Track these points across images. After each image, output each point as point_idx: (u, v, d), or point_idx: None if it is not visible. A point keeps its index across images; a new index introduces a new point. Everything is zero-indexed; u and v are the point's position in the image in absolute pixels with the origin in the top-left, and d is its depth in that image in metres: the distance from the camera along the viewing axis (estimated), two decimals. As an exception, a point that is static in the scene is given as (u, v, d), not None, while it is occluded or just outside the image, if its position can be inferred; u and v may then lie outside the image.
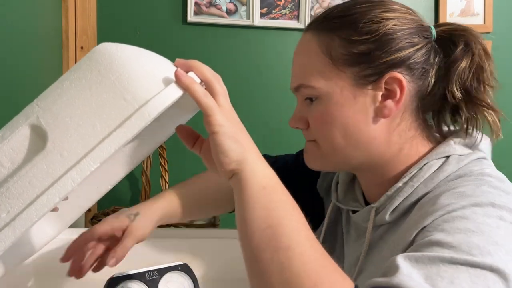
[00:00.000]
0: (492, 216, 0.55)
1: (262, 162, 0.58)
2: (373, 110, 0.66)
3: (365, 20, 0.66)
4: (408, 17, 0.67)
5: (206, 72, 0.59)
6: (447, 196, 0.59)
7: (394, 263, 0.51)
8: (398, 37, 0.65)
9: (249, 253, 0.54)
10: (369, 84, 0.66)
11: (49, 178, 0.53)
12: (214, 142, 0.56)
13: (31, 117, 0.55)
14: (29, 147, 0.56)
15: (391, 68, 0.65)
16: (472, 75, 0.66)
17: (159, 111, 0.53)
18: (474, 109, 0.68)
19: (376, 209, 0.69)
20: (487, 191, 0.58)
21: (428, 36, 0.68)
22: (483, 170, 0.64)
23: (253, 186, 0.56)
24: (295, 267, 0.50)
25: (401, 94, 0.65)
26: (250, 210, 0.55)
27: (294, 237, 0.52)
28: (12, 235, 0.54)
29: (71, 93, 0.55)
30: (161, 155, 1.37)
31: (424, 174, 0.65)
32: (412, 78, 0.66)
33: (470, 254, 0.50)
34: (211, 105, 0.56)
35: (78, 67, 0.57)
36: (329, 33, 0.67)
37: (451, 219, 0.55)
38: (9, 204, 0.54)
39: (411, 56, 0.65)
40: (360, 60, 0.65)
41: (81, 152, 0.52)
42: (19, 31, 1.13)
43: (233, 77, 1.60)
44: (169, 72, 0.56)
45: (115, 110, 0.53)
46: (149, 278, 0.83)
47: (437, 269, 0.49)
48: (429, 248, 0.52)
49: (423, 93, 0.68)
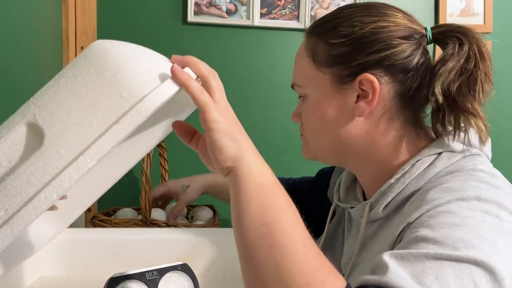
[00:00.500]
0: (477, 210, 0.55)
1: (258, 159, 0.58)
2: (350, 109, 0.69)
3: (345, 24, 0.69)
4: (396, 21, 0.69)
5: (202, 68, 0.59)
6: (434, 191, 0.60)
7: (382, 260, 0.51)
8: (375, 40, 0.67)
9: (243, 251, 0.54)
10: (345, 84, 0.69)
11: (47, 175, 0.53)
12: (210, 138, 0.57)
13: (27, 115, 0.55)
14: (26, 145, 0.56)
15: (367, 69, 0.67)
16: (456, 78, 0.65)
17: (155, 107, 0.52)
18: (457, 113, 0.67)
19: (371, 205, 0.71)
20: (474, 186, 0.59)
21: (415, 39, 0.68)
22: (476, 166, 0.64)
23: (249, 183, 0.56)
24: (288, 266, 0.50)
25: (373, 95, 0.67)
26: (245, 208, 0.55)
27: (289, 235, 0.52)
28: (10, 233, 0.54)
29: (67, 90, 0.55)
30: (161, 155, 1.37)
31: (416, 171, 0.66)
32: (392, 79, 0.68)
33: (455, 248, 0.50)
34: (207, 102, 0.56)
35: (74, 64, 0.57)
36: (316, 37, 0.72)
37: (436, 214, 0.55)
38: (6, 202, 0.54)
39: (387, 58, 0.67)
40: (337, 62, 0.69)
41: (78, 149, 0.52)
42: (19, 31, 1.13)
43: (233, 77, 1.60)
44: (165, 68, 0.56)
45: (111, 107, 0.53)
46: (149, 278, 0.83)
47: (423, 266, 0.49)
48: (416, 244, 0.53)
49: (406, 94, 0.68)
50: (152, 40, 1.57)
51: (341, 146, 0.72)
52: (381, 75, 0.67)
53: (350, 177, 0.83)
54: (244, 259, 0.54)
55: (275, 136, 1.62)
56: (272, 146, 1.62)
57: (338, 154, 0.74)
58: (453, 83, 0.65)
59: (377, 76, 0.67)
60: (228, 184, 0.58)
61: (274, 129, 1.63)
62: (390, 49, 0.67)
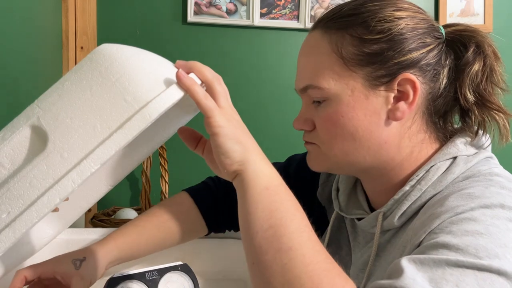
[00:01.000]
0: (502, 218, 0.53)
1: (265, 162, 0.58)
2: (385, 113, 0.64)
3: (377, 18, 0.63)
4: (420, 16, 0.66)
5: (207, 73, 0.59)
6: (455, 197, 0.57)
7: (399, 265, 0.50)
8: (411, 37, 0.63)
9: (251, 255, 0.54)
10: (381, 85, 0.64)
11: (50, 179, 0.53)
12: (215, 143, 0.56)
13: (31, 118, 0.55)
14: (30, 148, 0.56)
15: (404, 69, 0.63)
16: (485, 78, 0.65)
17: (159, 112, 0.52)
18: (485, 112, 0.66)
19: (384, 214, 0.67)
20: (497, 192, 0.57)
21: (439, 37, 0.66)
22: (491, 170, 0.63)
23: (255, 186, 0.55)
24: (296, 269, 0.50)
25: (414, 96, 0.63)
26: (252, 211, 0.54)
27: (296, 238, 0.52)
28: (12, 236, 0.54)
29: (72, 94, 0.55)
30: (161, 155, 1.37)
31: (432, 177, 0.63)
32: (424, 80, 0.64)
33: (477, 257, 0.48)
34: (211, 107, 0.56)
35: (79, 68, 0.56)
36: (340, 32, 0.65)
37: (458, 221, 0.53)
38: (9, 205, 0.54)
39: (423, 57, 0.64)
40: (372, 60, 0.63)
41: (81, 153, 0.52)
42: (19, 31, 1.13)
43: (233, 77, 1.60)
44: (170, 74, 0.56)
45: (115, 111, 0.53)
46: (149, 278, 0.83)
47: (443, 272, 0.48)
48: (435, 250, 0.51)
49: (434, 95, 0.66)
50: (152, 40, 1.57)
51: (368, 155, 0.66)
52: (418, 75, 0.64)
53: (350, 182, 0.78)
54: (252, 263, 0.53)
55: (276, 136, 1.62)
56: (273, 146, 1.62)
57: (355, 162, 0.67)
58: (483, 83, 0.65)
59: (416, 76, 0.63)
60: (235, 187, 0.58)
61: (274, 129, 1.63)
62: (425, 47, 0.64)
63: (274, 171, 0.58)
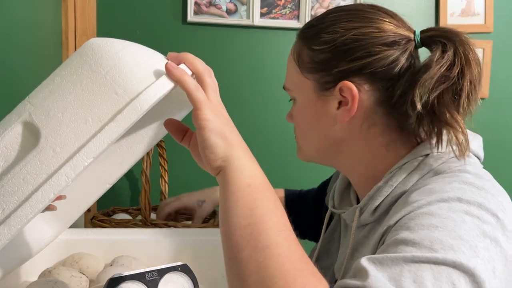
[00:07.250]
0: (458, 211, 0.54)
1: (249, 159, 0.58)
2: (333, 115, 0.70)
3: (328, 30, 0.69)
4: (380, 26, 0.67)
5: (198, 65, 0.58)
6: (417, 193, 0.59)
7: (360, 265, 0.51)
8: (355, 47, 0.66)
9: (228, 251, 0.54)
10: (327, 91, 0.69)
11: (43, 174, 0.53)
12: (201, 137, 0.56)
13: (23, 114, 0.55)
14: (22, 144, 0.56)
15: (347, 77, 0.67)
16: (436, 86, 0.62)
17: (150, 103, 0.52)
18: (435, 123, 0.65)
19: (360, 209, 0.71)
20: (457, 187, 0.58)
21: (402, 44, 0.66)
22: (463, 167, 0.63)
23: (237, 183, 0.55)
24: (271, 268, 0.50)
25: (352, 102, 0.67)
26: (232, 207, 0.54)
27: (273, 237, 0.52)
28: (8, 233, 0.54)
29: (62, 88, 0.55)
30: (161, 155, 1.37)
31: (403, 173, 0.66)
32: (373, 87, 0.67)
33: (432, 250, 0.50)
34: (201, 99, 0.56)
35: (69, 62, 0.57)
36: (301, 42, 0.73)
37: (416, 216, 0.55)
38: (3, 202, 0.54)
39: (368, 65, 0.66)
40: (319, 68, 0.70)
41: (74, 147, 0.52)
42: (19, 31, 1.13)
43: (233, 77, 1.60)
44: (160, 65, 0.56)
45: (106, 104, 0.53)
46: (149, 278, 0.82)
47: (401, 269, 0.49)
48: (395, 247, 0.52)
49: (390, 101, 0.67)
50: (152, 39, 1.57)
51: (327, 148, 0.73)
52: (361, 83, 0.67)
53: (344, 182, 0.82)
54: (228, 259, 0.54)
55: (273, 136, 1.62)
56: (270, 146, 1.61)
57: (326, 155, 0.75)
58: (433, 91, 0.62)
59: (357, 84, 0.67)
60: (218, 183, 0.58)
61: (272, 129, 1.63)
62: (370, 57, 0.66)
63: (258, 168, 0.58)
